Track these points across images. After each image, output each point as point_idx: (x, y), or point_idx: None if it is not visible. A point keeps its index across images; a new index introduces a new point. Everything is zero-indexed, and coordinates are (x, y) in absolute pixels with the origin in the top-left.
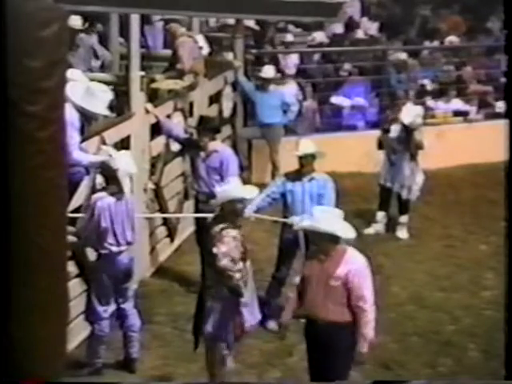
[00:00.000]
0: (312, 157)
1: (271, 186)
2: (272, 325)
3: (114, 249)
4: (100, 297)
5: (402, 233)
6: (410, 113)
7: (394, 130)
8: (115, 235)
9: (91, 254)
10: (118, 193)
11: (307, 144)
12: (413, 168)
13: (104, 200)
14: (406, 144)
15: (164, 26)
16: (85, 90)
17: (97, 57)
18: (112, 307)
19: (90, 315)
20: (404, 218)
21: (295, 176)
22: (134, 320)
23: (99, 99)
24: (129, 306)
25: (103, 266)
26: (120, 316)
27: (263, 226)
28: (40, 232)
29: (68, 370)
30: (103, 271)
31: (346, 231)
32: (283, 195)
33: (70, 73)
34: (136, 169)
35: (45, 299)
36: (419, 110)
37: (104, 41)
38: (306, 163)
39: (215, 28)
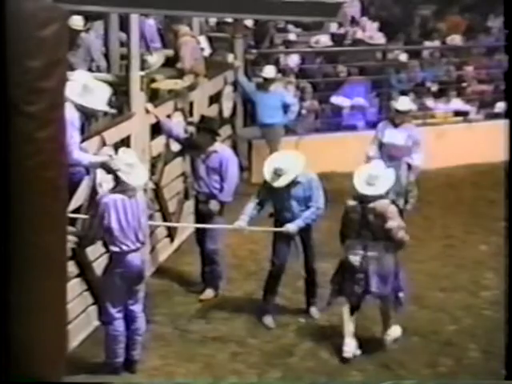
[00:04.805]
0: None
1: (258, 193)
2: (268, 320)
3: (125, 247)
4: (113, 298)
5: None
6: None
7: (389, 136)
8: (124, 233)
9: (92, 255)
10: (128, 191)
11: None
12: (409, 177)
13: (109, 197)
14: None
15: (167, 25)
16: (82, 88)
17: (92, 60)
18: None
19: (103, 317)
20: None
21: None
22: (141, 323)
23: (97, 95)
24: (138, 308)
25: (115, 265)
26: (128, 318)
27: (264, 225)
28: (40, 232)
29: (86, 371)
30: (115, 271)
31: None
32: (270, 200)
33: (77, 74)
34: (146, 179)
35: (44, 299)
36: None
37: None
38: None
39: (214, 27)
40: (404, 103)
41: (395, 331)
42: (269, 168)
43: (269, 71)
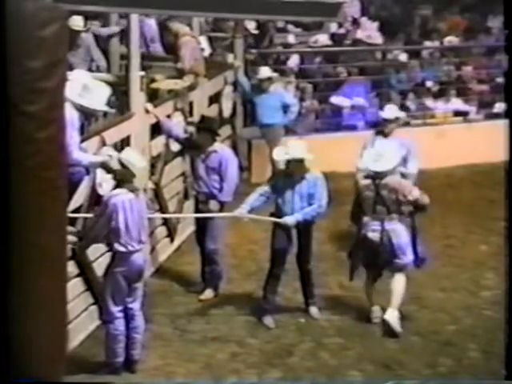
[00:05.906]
0: (299, 161)
1: (263, 186)
2: (268, 320)
3: (130, 247)
4: (115, 297)
5: None
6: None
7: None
8: (130, 233)
9: (92, 255)
10: (134, 191)
11: (295, 146)
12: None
13: (117, 198)
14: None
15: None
16: (82, 88)
17: (92, 60)
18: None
19: (105, 315)
20: None
21: (285, 176)
22: (140, 321)
23: (97, 95)
24: (136, 306)
25: (118, 265)
26: (127, 316)
27: (262, 225)
28: (40, 232)
29: (86, 370)
30: (118, 270)
31: None
32: (275, 194)
33: (76, 73)
34: (144, 163)
35: (44, 299)
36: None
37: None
38: (292, 167)
39: (211, 23)
40: (390, 111)
41: (394, 314)
42: (279, 154)
43: (264, 72)
